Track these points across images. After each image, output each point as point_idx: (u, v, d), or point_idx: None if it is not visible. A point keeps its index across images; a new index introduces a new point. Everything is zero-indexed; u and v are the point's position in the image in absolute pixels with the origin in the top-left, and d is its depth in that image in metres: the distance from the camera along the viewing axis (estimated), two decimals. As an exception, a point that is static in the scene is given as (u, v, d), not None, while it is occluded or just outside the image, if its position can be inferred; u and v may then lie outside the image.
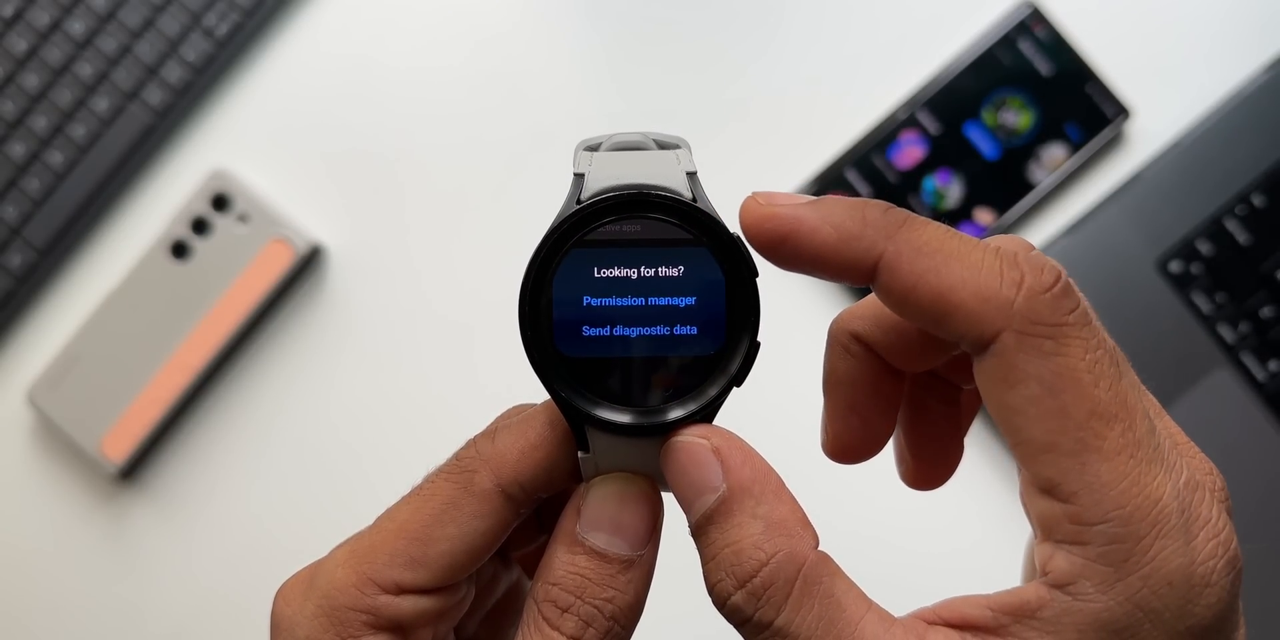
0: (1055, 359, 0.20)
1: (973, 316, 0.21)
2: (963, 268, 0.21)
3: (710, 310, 0.24)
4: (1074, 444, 0.20)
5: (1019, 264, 0.21)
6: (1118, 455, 0.20)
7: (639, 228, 0.24)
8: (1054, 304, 0.20)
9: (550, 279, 0.24)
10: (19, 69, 0.63)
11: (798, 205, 0.22)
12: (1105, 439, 0.20)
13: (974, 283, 0.20)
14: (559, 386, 0.24)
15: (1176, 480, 0.20)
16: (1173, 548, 0.20)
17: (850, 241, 0.22)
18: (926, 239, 0.21)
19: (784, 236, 0.22)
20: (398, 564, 0.24)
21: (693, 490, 0.23)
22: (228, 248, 0.62)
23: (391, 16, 0.64)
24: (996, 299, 0.20)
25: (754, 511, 0.22)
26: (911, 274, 0.21)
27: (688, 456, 0.23)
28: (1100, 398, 0.20)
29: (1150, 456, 0.20)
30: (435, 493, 0.25)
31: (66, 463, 0.64)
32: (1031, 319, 0.20)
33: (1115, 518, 0.20)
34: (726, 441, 0.23)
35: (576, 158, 0.25)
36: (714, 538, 0.23)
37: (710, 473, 0.23)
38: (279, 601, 0.25)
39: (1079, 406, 0.20)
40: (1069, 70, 0.59)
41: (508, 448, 0.25)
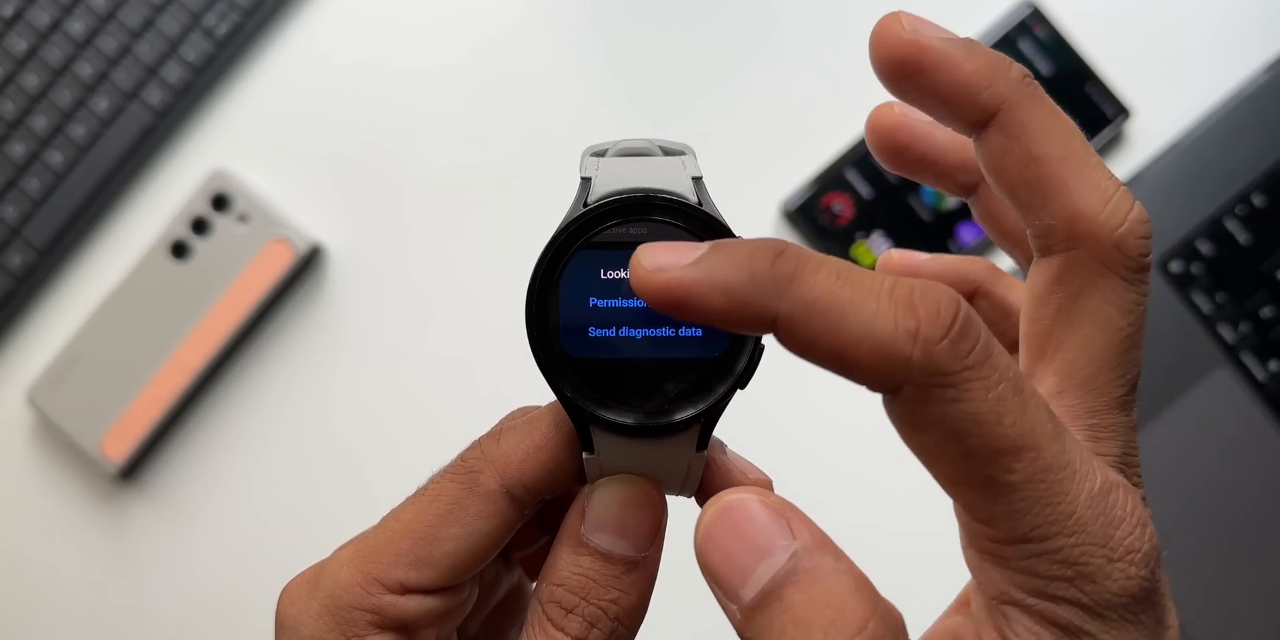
0: (956, 405, 0.20)
1: (873, 373, 0.20)
2: (857, 323, 0.20)
3: None
4: (982, 481, 0.20)
5: (915, 307, 0.20)
6: (1026, 484, 0.20)
7: (645, 231, 0.24)
8: (951, 351, 0.20)
9: (557, 280, 0.24)
10: (19, 69, 0.63)
11: (684, 267, 0.20)
12: (1013, 471, 0.20)
13: (870, 339, 0.20)
14: (565, 387, 0.24)
15: (1091, 488, 0.20)
16: (1092, 552, 0.20)
17: (741, 307, 0.20)
18: (818, 292, 0.20)
19: (678, 302, 0.20)
20: (403, 564, 0.24)
21: (754, 555, 0.21)
22: (228, 248, 0.62)
23: (392, 16, 0.64)
24: (894, 355, 0.20)
25: (835, 567, 0.21)
26: (807, 335, 0.20)
27: (748, 517, 0.21)
28: (1005, 434, 0.20)
29: (1061, 476, 0.20)
30: (440, 493, 0.25)
31: (66, 463, 0.64)
32: (929, 371, 0.20)
33: (1032, 537, 0.20)
34: (780, 498, 0.22)
35: (583, 163, 0.25)
36: (796, 599, 0.20)
37: (777, 532, 0.21)
38: (284, 601, 0.25)
39: (984, 447, 0.20)
40: (1069, 70, 0.59)
41: (513, 449, 0.25)
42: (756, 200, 0.61)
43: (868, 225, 0.60)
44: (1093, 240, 0.22)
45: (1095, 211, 0.22)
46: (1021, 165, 0.22)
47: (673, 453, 0.25)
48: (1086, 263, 0.22)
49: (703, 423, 0.24)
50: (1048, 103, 0.23)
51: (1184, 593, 0.57)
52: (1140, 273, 0.22)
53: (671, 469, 0.25)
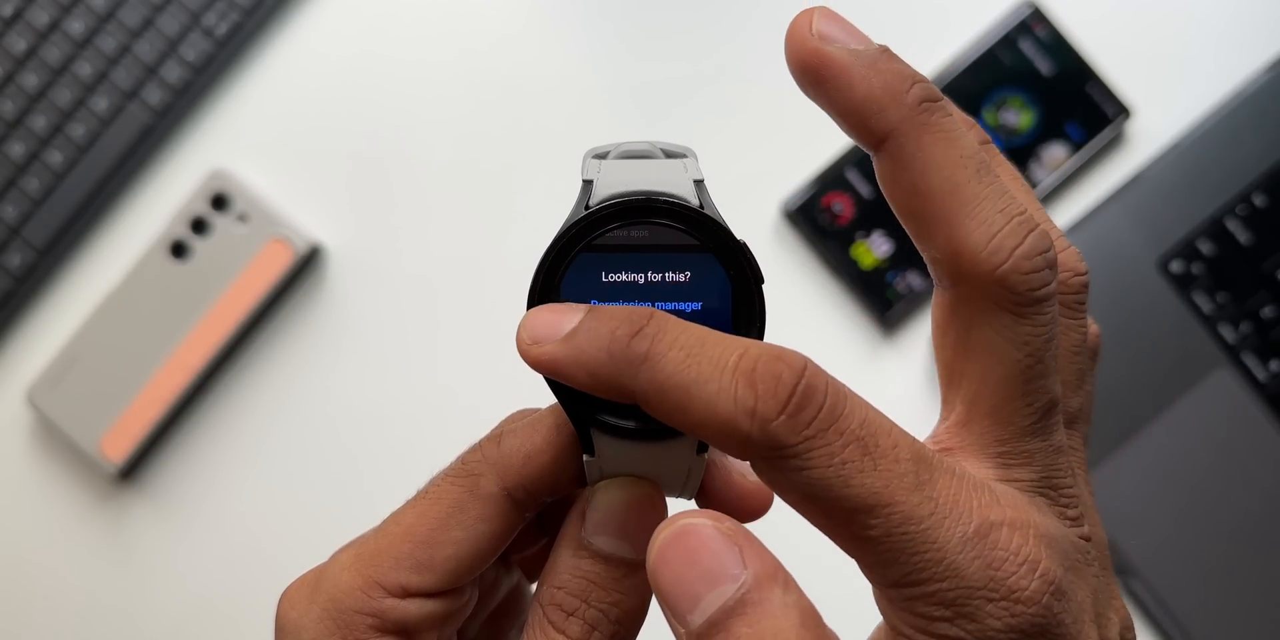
0: (802, 473, 0.20)
1: (724, 448, 0.21)
2: (701, 403, 0.20)
3: (716, 316, 0.24)
4: (846, 537, 0.21)
5: (754, 383, 0.20)
6: (888, 537, 0.20)
7: (646, 233, 0.24)
8: (788, 425, 0.20)
9: (558, 283, 0.24)
10: (18, 69, 0.63)
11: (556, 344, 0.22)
12: (871, 527, 0.20)
13: (712, 420, 0.20)
14: (564, 389, 0.24)
15: (964, 532, 0.20)
16: (970, 594, 0.20)
17: (603, 384, 0.21)
18: (666, 374, 0.21)
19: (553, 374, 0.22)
20: (404, 567, 0.24)
21: (703, 582, 0.21)
22: (227, 247, 0.62)
23: (392, 16, 0.64)
24: (734, 434, 0.20)
25: (783, 600, 0.21)
26: (661, 413, 0.21)
27: (698, 542, 0.21)
28: (853, 495, 0.20)
29: (925, 525, 0.20)
30: (441, 496, 0.25)
31: (66, 463, 0.64)
32: (769, 445, 0.20)
33: (906, 582, 0.20)
34: (738, 526, 0.22)
35: (585, 165, 0.25)
36: (742, 633, 0.20)
37: (728, 560, 0.21)
38: (284, 605, 0.25)
39: (836, 508, 0.20)
40: (1070, 70, 0.59)
41: (513, 451, 0.25)
42: (756, 200, 0.61)
43: (868, 225, 0.60)
44: (975, 278, 0.22)
45: (977, 248, 0.22)
46: (907, 196, 0.22)
47: (673, 455, 0.24)
48: (973, 298, 0.22)
49: None
50: (941, 130, 0.22)
51: (1184, 592, 0.57)
52: (1031, 306, 0.22)
53: (672, 471, 0.25)
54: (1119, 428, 0.57)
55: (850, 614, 0.26)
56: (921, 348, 0.60)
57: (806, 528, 0.22)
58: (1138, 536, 0.57)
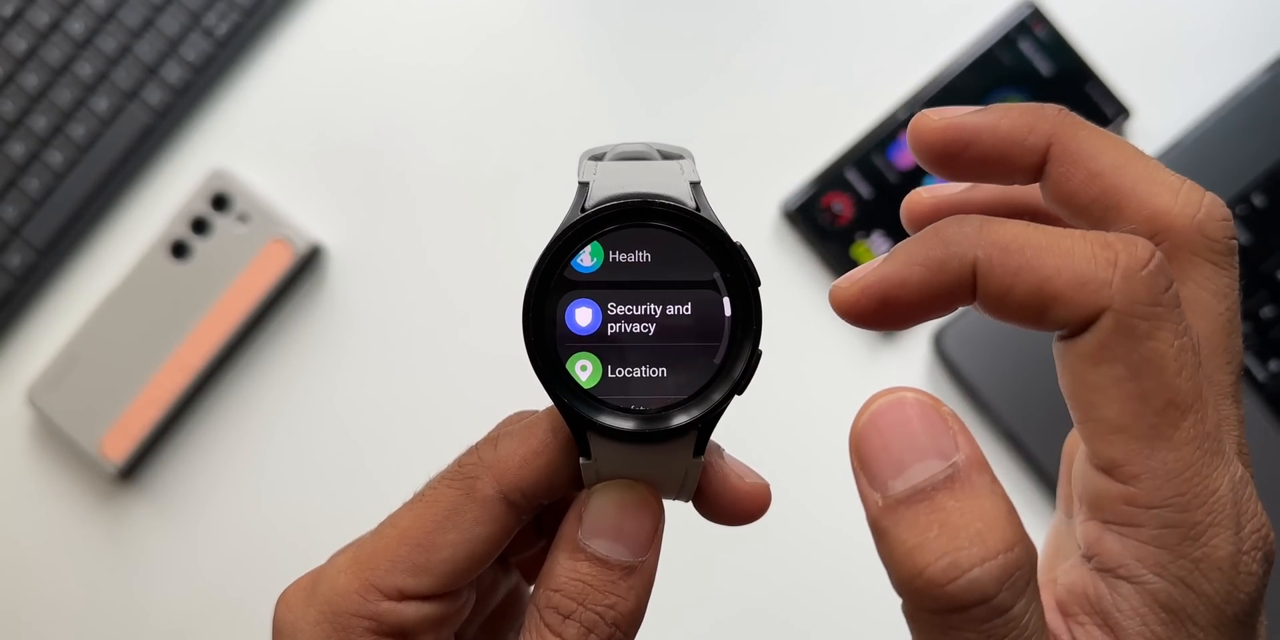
0: (1146, 343, 0.20)
1: (1072, 303, 0.20)
2: (1053, 256, 0.20)
3: (712, 318, 0.24)
4: (1147, 429, 0.20)
5: (1111, 244, 0.20)
6: (1186, 445, 0.20)
7: (646, 251, 0.24)
8: (1150, 282, 0.20)
9: (554, 286, 0.24)
10: (19, 69, 0.63)
11: (876, 267, 0.22)
12: (1178, 428, 0.20)
13: (1069, 270, 0.20)
14: (561, 393, 0.24)
15: (1234, 474, 0.21)
16: (1224, 537, 0.20)
17: (940, 266, 0.21)
18: (1010, 236, 0.21)
19: (880, 301, 0.22)
20: (400, 570, 0.24)
21: (914, 453, 0.20)
22: (227, 248, 0.62)
23: (392, 16, 0.64)
24: (1094, 282, 0.20)
25: (993, 488, 0.20)
26: (1005, 274, 0.21)
27: (919, 415, 0.21)
28: (1180, 387, 0.20)
29: (1214, 449, 0.20)
30: (438, 499, 0.25)
31: (66, 463, 0.64)
32: (1130, 298, 0.20)
33: (1174, 504, 0.20)
34: (954, 413, 0.21)
35: (581, 167, 0.25)
36: (948, 504, 0.20)
37: (943, 438, 0.20)
38: (281, 608, 0.25)
39: (1159, 394, 0.20)
40: (1069, 70, 0.59)
41: (510, 454, 0.25)
42: (756, 200, 0.61)
43: (868, 225, 0.60)
44: (1175, 232, 0.22)
45: (1169, 205, 0.22)
46: (1085, 185, 0.23)
47: (670, 458, 0.24)
48: (1175, 255, 0.22)
49: (700, 429, 0.24)
50: (1090, 126, 0.23)
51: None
52: (1228, 256, 0.23)
53: (669, 474, 0.25)
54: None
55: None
56: (922, 348, 0.60)
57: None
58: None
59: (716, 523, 0.27)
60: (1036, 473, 0.57)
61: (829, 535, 0.59)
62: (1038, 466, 0.57)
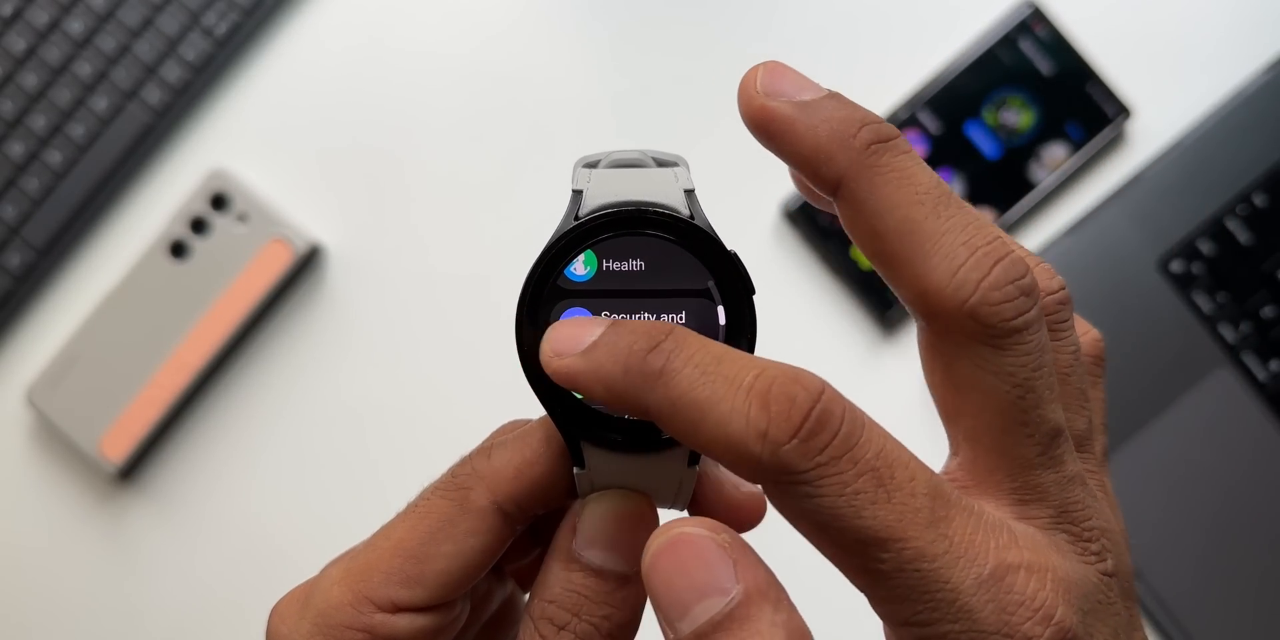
0: (812, 501, 0.20)
1: (737, 471, 0.20)
2: (713, 423, 0.20)
3: (706, 327, 0.24)
4: (855, 569, 0.20)
5: (768, 405, 0.20)
6: (898, 573, 0.20)
7: (640, 258, 0.24)
8: (800, 450, 0.20)
9: (547, 294, 0.24)
10: (18, 68, 0.63)
11: (576, 357, 0.22)
12: (882, 561, 0.20)
13: (725, 442, 0.20)
14: (555, 402, 0.24)
15: (979, 574, 0.20)
16: (984, 638, 0.20)
17: (619, 399, 0.21)
18: (679, 391, 0.20)
19: (571, 387, 0.22)
20: (394, 582, 0.24)
21: (694, 593, 0.20)
22: (227, 247, 0.62)
23: (391, 16, 0.64)
24: (745, 456, 0.20)
25: (772, 619, 0.20)
26: (674, 430, 0.21)
27: (692, 552, 0.21)
28: (865, 526, 0.20)
29: (937, 564, 0.20)
30: (431, 510, 0.25)
31: (66, 463, 0.64)
32: (779, 470, 0.20)
33: (916, 622, 0.20)
34: (735, 538, 0.21)
35: (575, 174, 0.25)
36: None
37: (721, 573, 0.20)
38: (274, 619, 0.25)
39: (846, 539, 0.20)
40: (1070, 70, 0.59)
41: (503, 464, 0.25)
42: (756, 200, 0.61)
43: (868, 225, 0.60)
44: (945, 315, 0.21)
45: (941, 284, 0.21)
46: (869, 240, 0.22)
47: (664, 468, 0.24)
48: (949, 334, 0.22)
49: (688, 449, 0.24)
50: (892, 170, 0.22)
51: (1184, 592, 0.57)
52: (1009, 337, 0.21)
53: (663, 484, 0.25)
54: (1119, 428, 0.57)
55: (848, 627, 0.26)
56: (921, 348, 0.60)
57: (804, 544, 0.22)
58: (1138, 536, 0.57)
59: None
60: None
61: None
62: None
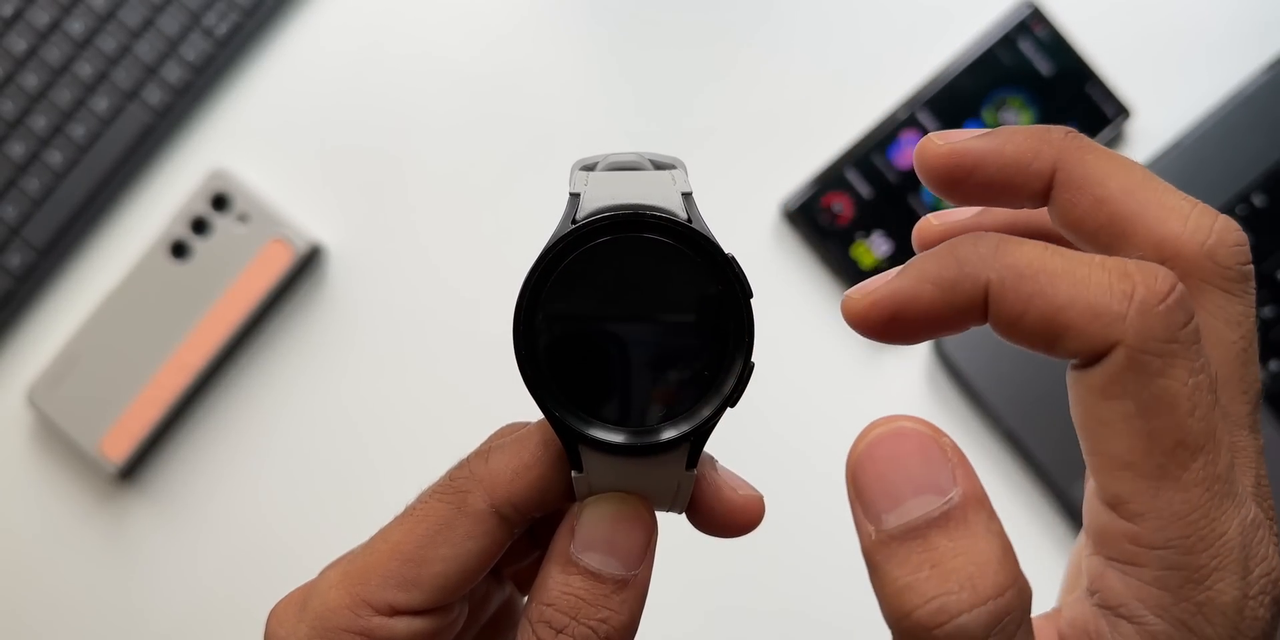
0: (1159, 380, 0.19)
1: (1084, 335, 0.20)
2: (1068, 284, 0.20)
3: (705, 331, 0.24)
4: (1154, 469, 0.20)
5: (1130, 274, 0.20)
6: (1195, 487, 0.20)
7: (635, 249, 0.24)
8: (1167, 317, 0.19)
9: (544, 298, 0.24)
10: (19, 69, 0.63)
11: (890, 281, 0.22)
12: (1186, 469, 0.20)
13: (1083, 300, 0.20)
14: (552, 406, 0.24)
15: (1244, 517, 0.20)
16: (1229, 581, 0.20)
17: (953, 287, 0.21)
18: (1026, 260, 0.20)
19: (893, 312, 0.22)
20: (391, 585, 0.24)
21: (910, 487, 0.20)
22: (227, 248, 0.62)
23: (391, 17, 0.64)
24: (1108, 314, 0.20)
25: (989, 527, 0.20)
26: (1018, 300, 0.20)
27: (918, 447, 0.20)
28: (1192, 427, 0.20)
29: (1224, 491, 0.20)
30: (428, 513, 0.25)
31: (66, 463, 0.64)
32: (1143, 334, 0.19)
33: (1178, 546, 0.20)
34: (954, 444, 0.21)
35: (572, 177, 0.25)
36: (941, 544, 0.19)
37: (941, 472, 0.20)
38: (272, 623, 0.25)
39: (1168, 433, 0.20)
40: (1069, 70, 0.59)
41: (501, 467, 0.25)
42: (757, 200, 0.61)
43: (868, 225, 0.60)
44: (1185, 258, 0.22)
45: (1178, 231, 0.22)
46: (1093, 211, 0.22)
47: (662, 471, 0.24)
48: (1185, 282, 0.21)
49: (692, 441, 0.24)
50: (1097, 148, 0.23)
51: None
52: (1241, 282, 0.22)
53: (661, 487, 0.25)
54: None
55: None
56: (922, 348, 0.60)
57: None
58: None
59: (709, 534, 0.27)
60: (1037, 474, 0.57)
61: (824, 540, 0.59)
62: (1038, 467, 0.57)
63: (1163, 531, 0.20)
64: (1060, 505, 0.57)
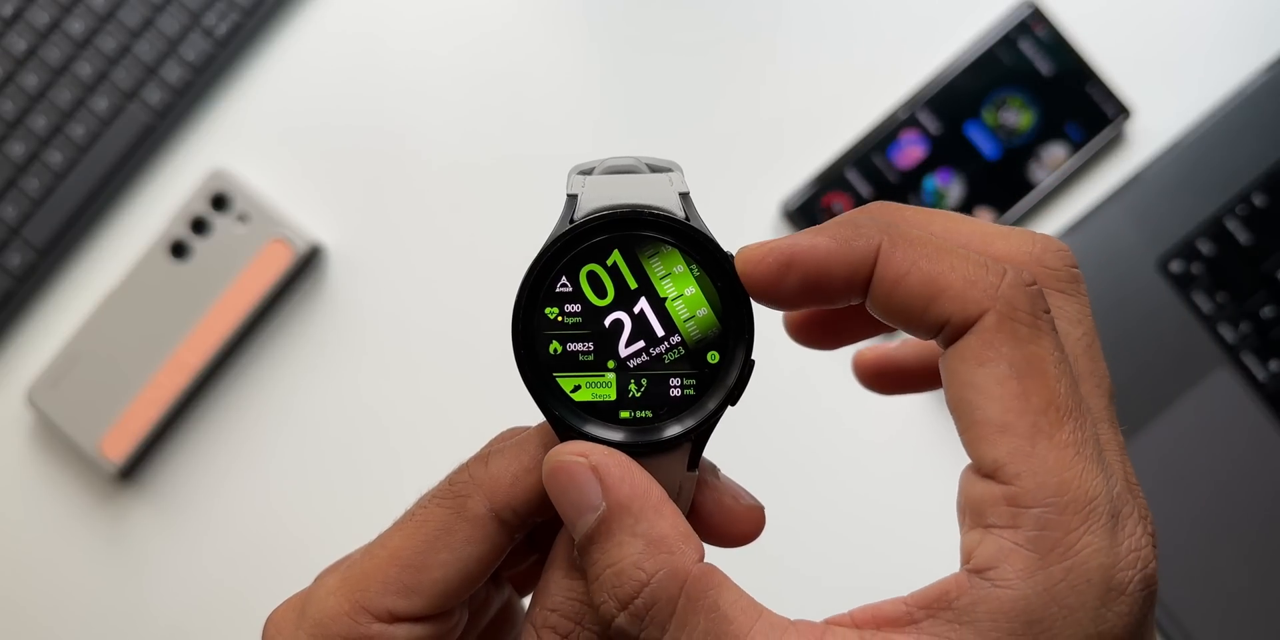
0: (1029, 346, 0.21)
1: (959, 298, 0.22)
2: (951, 256, 0.22)
3: (706, 328, 0.24)
4: (1028, 427, 0.21)
5: (1001, 265, 0.22)
6: (1067, 447, 0.21)
7: None
8: (1033, 297, 0.22)
9: (543, 298, 0.24)
10: (19, 69, 0.63)
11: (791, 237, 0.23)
12: (1060, 428, 0.21)
13: (961, 268, 0.22)
14: (552, 405, 0.24)
15: (1112, 486, 0.21)
16: (1097, 545, 0.20)
17: (844, 246, 0.22)
18: (916, 234, 0.22)
19: (787, 261, 0.23)
20: (391, 591, 0.24)
21: (574, 510, 0.23)
22: (227, 247, 0.62)
23: (392, 17, 0.64)
24: (982, 283, 0.22)
25: (634, 529, 0.22)
26: (904, 261, 0.22)
27: (565, 475, 0.23)
28: (1061, 391, 0.21)
29: (1094, 455, 0.21)
30: (428, 518, 0.25)
31: (66, 463, 0.64)
32: (1013, 304, 0.21)
33: (1052, 504, 0.20)
34: (605, 458, 0.23)
35: (570, 180, 0.25)
36: (595, 558, 0.22)
37: (589, 491, 0.23)
38: (270, 630, 0.25)
39: (1040, 394, 0.21)
40: (1069, 70, 0.59)
41: (501, 472, 0.25)
42: (757, 200, 0.61)
43: (868, 225, 0.60)
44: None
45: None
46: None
47: (664, 471, 0.24)
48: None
49: (693, 440, 0.24)
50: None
51: (1185, 592, 0.57)
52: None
53: (663, 488, 0.25)
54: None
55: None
56: (921, 348, 0.60)
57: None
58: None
59: (711, 544, 0.27)
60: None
61: (825, 540, 0.59)
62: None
63: (1039, 489, 0.21)
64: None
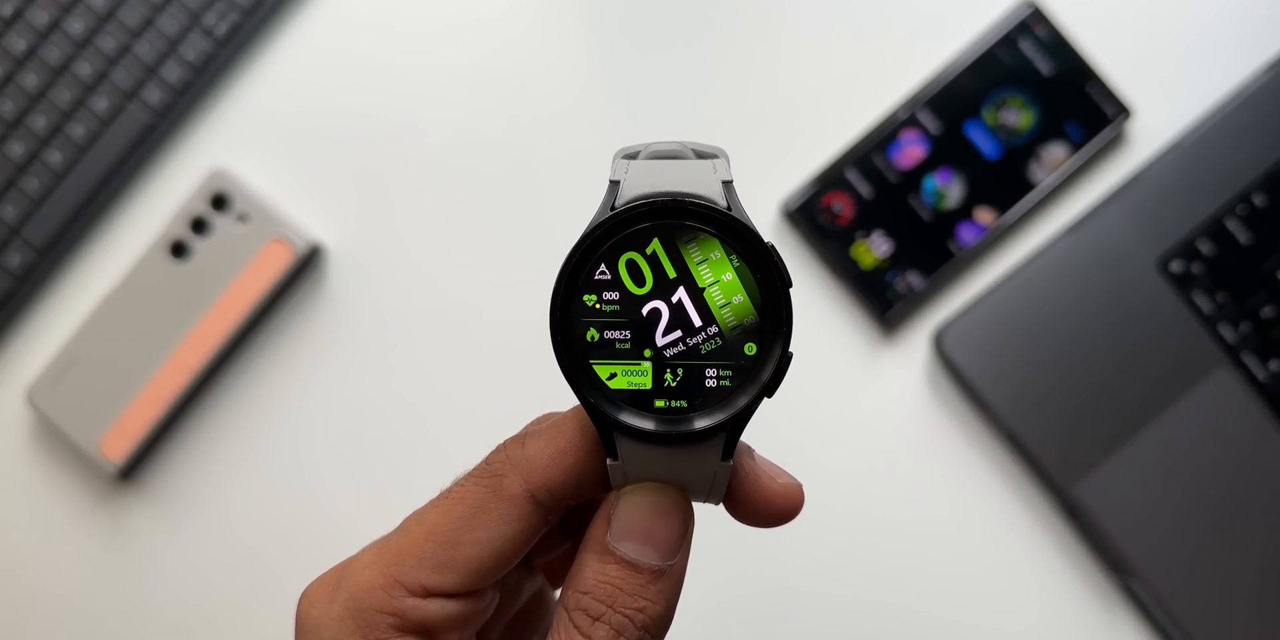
0: None
1: None
2: None
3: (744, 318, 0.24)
4: None
5: None
6: None
7: None
8: None
9: (581, 284, 0.23)
10: (18, 68, 0.63)
11: None
12: None
13: None
14: (588, 391, 0.24)
15: None
16: None
17: None
18: None
19: None
20: (426, 567, 0.24)
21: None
22: (227, 247, 0.62)
23: (392, 16, 0.64)
24: None
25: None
26: None
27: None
28: None
29: None
30: (464, 496, 0.25)
31: (66, 463, 0.64)
32: None
33: None
34: None
35: (614, 165, 0.25)
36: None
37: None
38: (304, 603, 0.25)
39: None
40: (1070, 70, 0.59)
41: (538, 453, 0.25)
42: (757, 200, 0.61)
43: (868, 225, 0.60)
44: None
45: None
46: None
47: (697, 460, 0.24)
48: None
49: (727, 431, 0.24)
50: None
51: (1184, 592, 0.57)
52: None
53: (697, 476, 0.25)
54: (1119, 428, 0.57)
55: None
56: (921, 347, 0.60)
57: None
58: (1138, 536, 0.57)
59: (748, 524, 0.27)
60: (1037, 474, 0.57)
61: (824, 540, 0.59)
62: (1038, 467, 0.57)
63: None
64: (1060, 505, 0.57)
